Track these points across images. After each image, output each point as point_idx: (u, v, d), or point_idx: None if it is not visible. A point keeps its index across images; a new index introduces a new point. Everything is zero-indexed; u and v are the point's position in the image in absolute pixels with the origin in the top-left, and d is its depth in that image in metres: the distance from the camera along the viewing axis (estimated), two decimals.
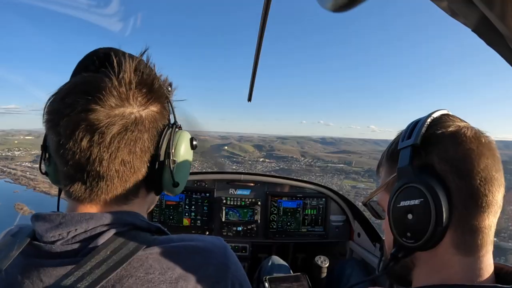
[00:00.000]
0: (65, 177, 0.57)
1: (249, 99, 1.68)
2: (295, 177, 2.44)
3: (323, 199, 2.33)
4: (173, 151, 0.63)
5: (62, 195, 0.65)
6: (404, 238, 0.56)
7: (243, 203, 2.27)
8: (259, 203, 2.28)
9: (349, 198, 2.32)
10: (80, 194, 0.57)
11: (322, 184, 2.40)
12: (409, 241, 0.55)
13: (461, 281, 0.52)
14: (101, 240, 0.53)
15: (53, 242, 0.53)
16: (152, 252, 0.55)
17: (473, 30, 0.46)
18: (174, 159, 0.63)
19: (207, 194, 2.25)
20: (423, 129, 0.56)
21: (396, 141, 0.63)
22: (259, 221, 2.27)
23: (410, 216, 0.55)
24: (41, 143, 0.63)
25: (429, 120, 0.58)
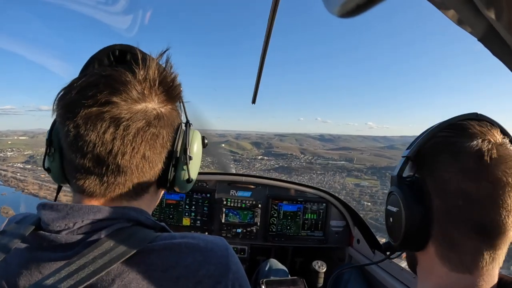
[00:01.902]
0: (78, 170, 0.57)
1: (253, 101, 1.69)
2: (296, 181, 2.44)
3: (324, 204, 2.32)
4: (188, 147, 0.66)
5: (64, 190, 0.65)
6: (389, 236, 0.64)
7: (243, 205, 2.27)
8: (259, 205, 2.27)
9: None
10: (94, 189, 0.58)
11: (324, 188, 2.40)
12: (391, 240, 0.63)
13: None
14: (105, 233, 0.54)
15: (58, 232, 0.54)
16: (154, 248, 0.55)
17: (479, 40, 0.46)
18: (190, 155, 0.66)
19: (208, 195, 2.25)
20: (421, 142, 0.59)
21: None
22: (258, 223, 2.27)
23: (391, 220, 0.62)
24: (45, 138, 0.62)
25: (432, 131, 0.59)
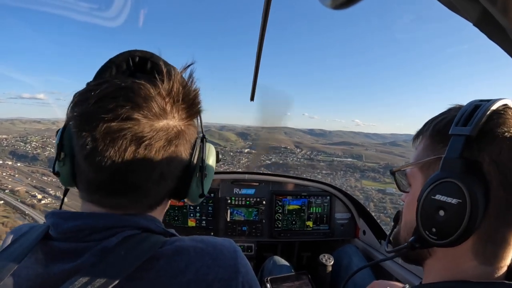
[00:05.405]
0: (92, 183, 0.55)
1: (252, 99, 1.68)
2: (299, 176, 2.45)
3: (328, 197, 2.32)
4: (204, 164, 0.65)
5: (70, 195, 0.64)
6: (427, 232, 0.53)
7: (247, 202, 2.28)
8: (263, 202, 2.28)
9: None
10: (104, 201, 0.57)
11: (327, 182, 2.40)
12: (432, 237, 0.52)
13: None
14: (115, 240, 0.53)
15: (66, 240, 0.53)
16: (164, 254, 0.54)
17: (474, 24, 0.46)
18: (205, 172, 0.66)
19: (212, 194, 2.26)
20: (483, 119, 0.50)
21: (446, 118, 0.57)
22: (264, 220, 2.27)
23: (441, 213, 0.51)
24: (57, 141, 0.60)
25: (492, 108, 0.51)
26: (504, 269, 0.53)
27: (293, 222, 2.29)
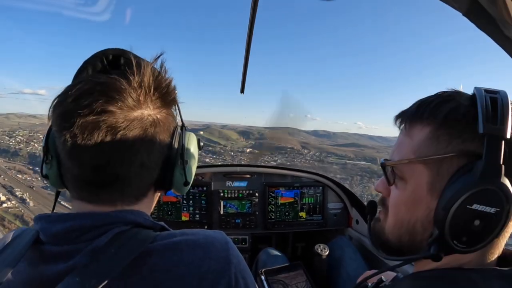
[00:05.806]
0: (77, 179, 0.57)
1: (242, 91, 1.66)
2: (291, 167, 2.45)
3: (320, 188, 2.34)
4: (185, 151, 0.67)
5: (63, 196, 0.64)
6: (455, 241, 0.49)
7: (240, 195, 2.28)
8: (256, 194, 2.29)
9: None
10: (92, 197, 0.58)
11: (319, 172, 2.41)
12: (460, 245, 0.49)
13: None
14: (105, 239, 0.53)
15: (57, 243, 0.54)
16: (155, 248, 0.55)
17: (464, 14, 0.45)
18: (186, 159, 0.67)
19: (204, 188, 2.25)
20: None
21: (460, 107, 0.52)
22: (257, 212, 2.28)
23: (477, 223, 0.48)
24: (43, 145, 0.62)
25: None
26: (495, 255, 0.55)
27: (287, 213, 2.31)
